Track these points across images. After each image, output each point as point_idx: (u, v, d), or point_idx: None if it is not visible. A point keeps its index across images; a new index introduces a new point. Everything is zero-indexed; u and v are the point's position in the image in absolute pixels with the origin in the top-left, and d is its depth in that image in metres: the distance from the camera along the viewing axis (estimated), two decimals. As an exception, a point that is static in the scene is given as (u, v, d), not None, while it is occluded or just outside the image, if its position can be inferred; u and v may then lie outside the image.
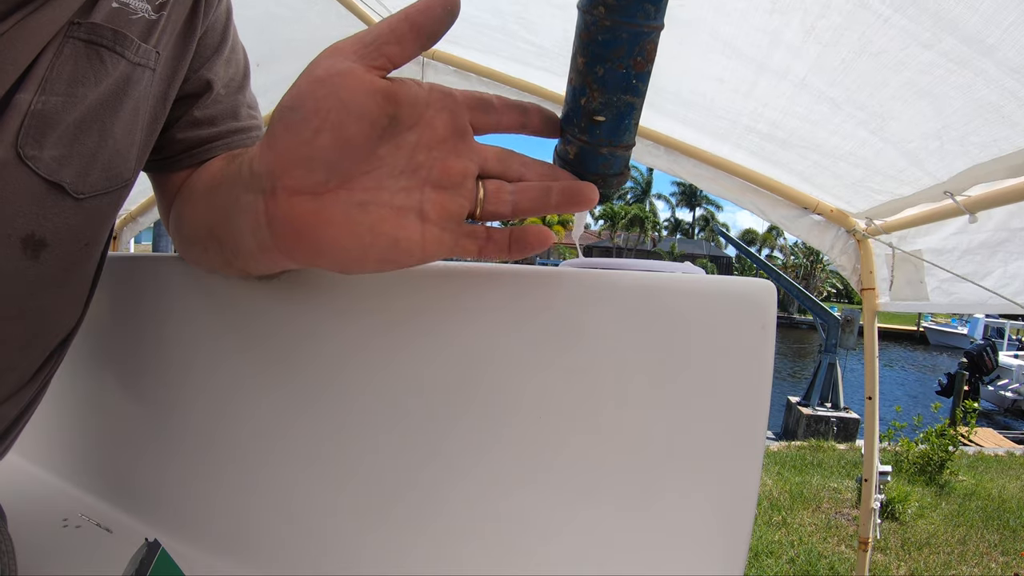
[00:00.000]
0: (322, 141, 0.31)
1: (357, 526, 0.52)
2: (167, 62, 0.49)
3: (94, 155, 0.43)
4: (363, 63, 0.31)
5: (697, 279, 0.43)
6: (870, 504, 1.74)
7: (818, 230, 1.56)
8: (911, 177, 1.17)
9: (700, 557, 0.41)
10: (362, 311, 0.51)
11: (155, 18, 0.46)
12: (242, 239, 0.38)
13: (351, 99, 0.30)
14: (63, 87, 0.39)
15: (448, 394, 0.47)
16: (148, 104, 0.48)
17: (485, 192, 0.37)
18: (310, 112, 0.31)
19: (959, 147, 0.98)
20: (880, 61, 0.89)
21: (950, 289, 1.41)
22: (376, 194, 0.33)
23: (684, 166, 1.60)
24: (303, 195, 0.32)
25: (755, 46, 1.02)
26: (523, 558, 0.45)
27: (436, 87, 0.34)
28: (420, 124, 0.33)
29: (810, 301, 9.50)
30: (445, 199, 0.35)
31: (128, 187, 0.49)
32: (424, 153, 0.34)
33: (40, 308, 0.45)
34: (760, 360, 0.40)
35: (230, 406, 0.59)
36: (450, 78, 1.75)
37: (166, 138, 0.53)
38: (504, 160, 0.37)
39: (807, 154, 1.30)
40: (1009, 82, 0.77)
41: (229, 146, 0.55)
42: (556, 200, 0.37)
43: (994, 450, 7.87)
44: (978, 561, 4.15)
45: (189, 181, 0.54)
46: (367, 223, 0.33)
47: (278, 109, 0.32)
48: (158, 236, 6.68)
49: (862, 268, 1.56)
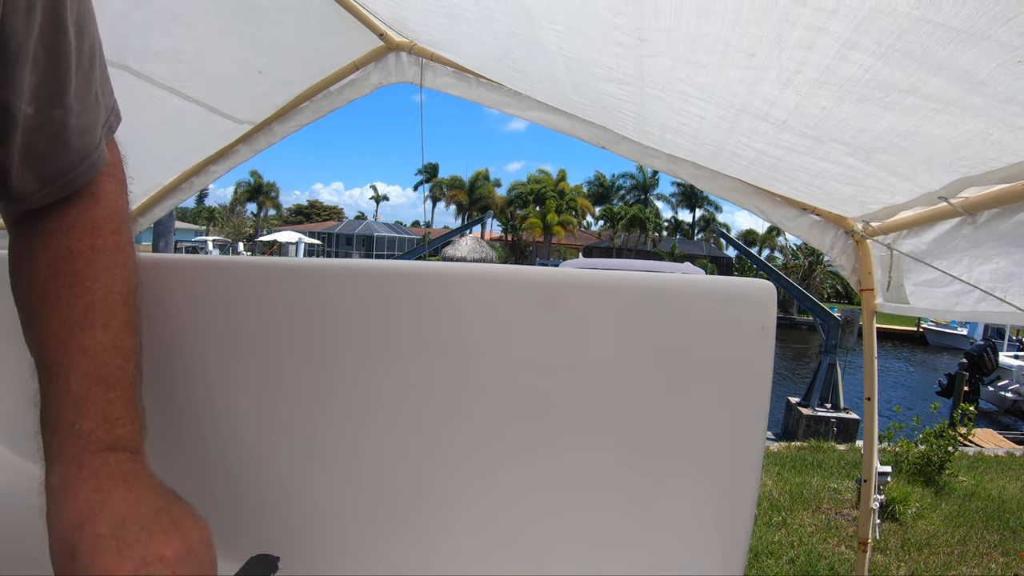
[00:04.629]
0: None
1: (357, 526, 0.52)
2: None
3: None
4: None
5: (697, 279, 0.43)
6: (870, 505, 1.73)
7: (817, 230, 1.56)
8: (903, 189, 1.17)
9: (700, 557, 0.41)
10: (362, 311, 0.51)
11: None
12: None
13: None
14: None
15: (448, 393, 0.47)
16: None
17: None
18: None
19: (948, 164, 0.98)
20: (862, 109, 0.88)
21: (933, 292, 1.41)
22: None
23: (683, 167, 1.61)
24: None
25: (733, 94, 1.02)
26: (523, 558, 0.45)
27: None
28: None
29: (810, 302, 9.50)
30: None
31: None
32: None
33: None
34: (760, 360, 0.40)
35: (229, 405, 0.59)
36: (448, 79, 1.75)
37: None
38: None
39: (796, 175, 1.31)
40: (999, 112, 0.75)
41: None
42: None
43: (994, 450, 7.87)
44: (978, 561, 4.15)
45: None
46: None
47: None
48: (158, 236, 6.68)
49: (861, 269, 1.56)
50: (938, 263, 1.29)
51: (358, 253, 40.17)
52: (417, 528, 0.50)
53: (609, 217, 42.88)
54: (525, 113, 1.69)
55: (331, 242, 41.49)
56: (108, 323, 0.48)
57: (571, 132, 1.67)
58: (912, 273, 1.44)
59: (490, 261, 17.70)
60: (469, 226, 23.37)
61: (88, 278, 0.48)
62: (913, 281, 1.45)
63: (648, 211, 42.01)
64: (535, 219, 40.41)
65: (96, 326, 0.48)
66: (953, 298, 1.32)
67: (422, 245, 28.38)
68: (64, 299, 0.48)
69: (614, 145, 1.64)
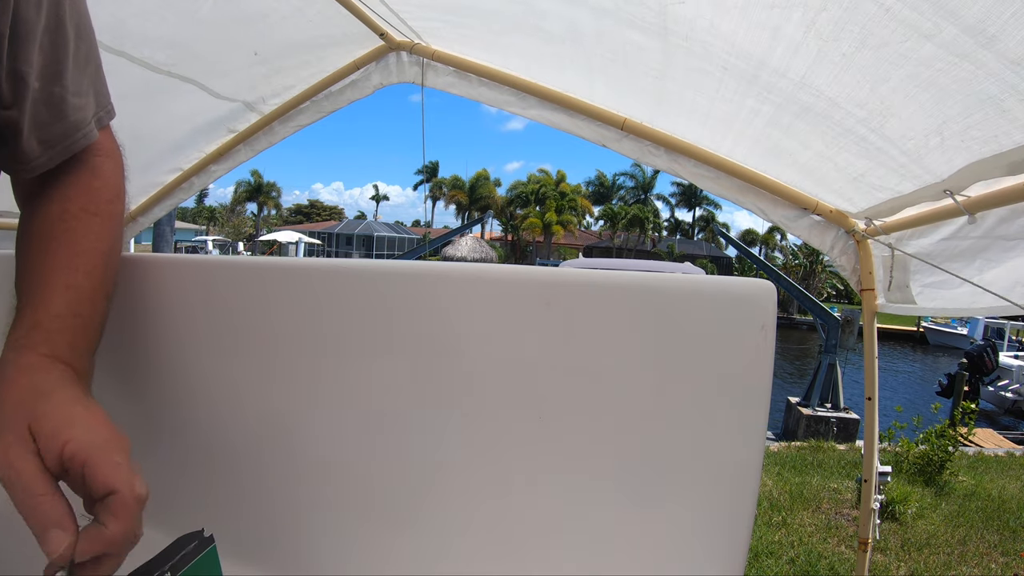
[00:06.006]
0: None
1: (357, 526, 0.52)
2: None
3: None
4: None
5: (697, 279, 0.43)
6: (870, 505, 1.74)
7: (818, 230, 1.56)
8: (912, 172, 1.18)
9: (700, 557, 0.41)
10: (362, 311, 0.51)
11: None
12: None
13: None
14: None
15: (448, 393, 0.47)
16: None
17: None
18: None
19: (960, 142, 0.99)
20: (881, 55, 0.90)
21: (941, 293, 1.41)
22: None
23: (684, 166, 1.60)
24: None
25: (754, 43, 1.03)
26: (523, 558, 0.45)
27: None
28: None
29: (810, 301, 9.50)
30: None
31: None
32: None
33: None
34: (760, 360, 0.40)
35: (229, 406, 0.59)
36: (450, 78, 1.75)
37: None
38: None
39: (811, 141, 1.30)
40: (1009, 75, 0.77)
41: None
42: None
43: (994, 450, 7.87)
44: (978, 561, 4.15)
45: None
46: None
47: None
48: (158, 236, 6.68)
49: (861, 269, 1.56)
50: (947, 265, 1.29)
51: (358, 253, 40.17)
52: (417, 528, 0.50)
53: (609, 217, 42.88)
54: (527, 111, 1.69)
55: (331, 242, 41.49)
56: (92, 273, 0.54)
57: (572, 130, 1.67)
58: (920, 274, 1.43)
59: (490, 261, 17.69)
60: (469, 226, 23.36)
61: (79, 234, 0.55)
62: (920, 282, 1.44)
63: (647, 210, 42.02)
64: (535, 219, 40.41)
65: (80, 272, 0.53)
66: (956, 300, 1.33)
67: (422, 245, 28.36)
68: (55, 248, 0.54)
69: (615, 143, 1.64)
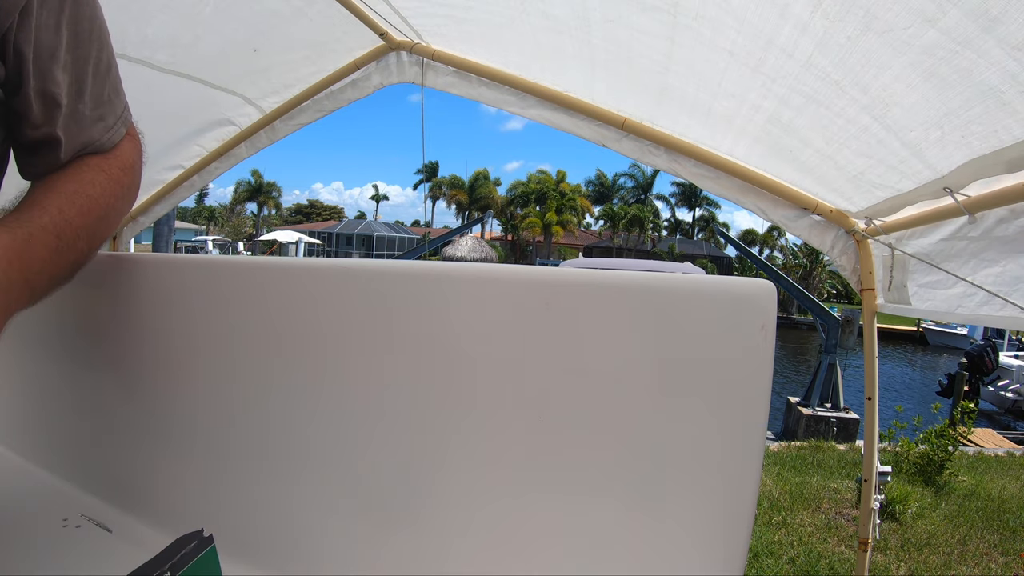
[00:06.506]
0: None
1: (357, 526, 0.52)
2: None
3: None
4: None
5: (697, 279, 0.43)
6: (870, 504, 1.74)
7: (818, 230, 1.56)
8: (912, 169, 1.18)
9: (700, 557, 0.41)
10: (362, 312, 0.51)
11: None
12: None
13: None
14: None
15: (447, 393, 0.47)
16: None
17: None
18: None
19: (960, 137, 0.99)
20: (885, 40, 0.90)
21: (935, 294, 1.41)
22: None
23: (684, 165, 1.60)
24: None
25: (764, 20, 1.04)
26: (523, 558, 0.45)
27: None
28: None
29: (810, 301, 9.49)
30: None
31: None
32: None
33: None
34: (760, 360, 0.40)
35: (229, 406, 0.59)
36: (450, 78, 1.75)
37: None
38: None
39: (811, 139, 1.30)
40: (1010, 63, 0.77)
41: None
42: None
43: (994, 450, 7.87)
44: (978, 561, 4.15)
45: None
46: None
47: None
48: (158, 236, 6.68)
49: (861, 269, 1.56)
50: (944, 265, 1.29)
51: (358, 253, 40.12)
52: (417, 528, 0.50)
53: (609, 217, 42.87)
54: (526, 111, 1.69)
55: (331, 242, 41.47)
56: (88, 212, 0.59)
57: (572, 130, 1.67)
58: (916, 274, 1.44)
59: (490, 261, 17.67)
60: (469, 226, 23.32)
61: (87, 183, 0.61)
62: (916, 282, 1.45)
63: (647, 210, 42.00)
64: (535, 219, 40.38)
65: (82, 195, 0.59)
66: (955, 300, 1.32)
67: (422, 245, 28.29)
68: (61, 185, 0.60)
69: (615, 143, 1.64)
